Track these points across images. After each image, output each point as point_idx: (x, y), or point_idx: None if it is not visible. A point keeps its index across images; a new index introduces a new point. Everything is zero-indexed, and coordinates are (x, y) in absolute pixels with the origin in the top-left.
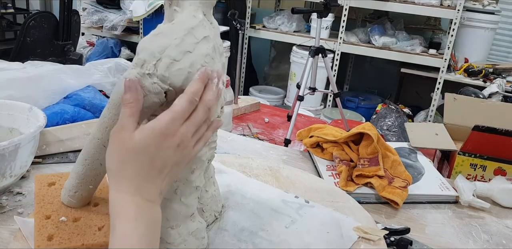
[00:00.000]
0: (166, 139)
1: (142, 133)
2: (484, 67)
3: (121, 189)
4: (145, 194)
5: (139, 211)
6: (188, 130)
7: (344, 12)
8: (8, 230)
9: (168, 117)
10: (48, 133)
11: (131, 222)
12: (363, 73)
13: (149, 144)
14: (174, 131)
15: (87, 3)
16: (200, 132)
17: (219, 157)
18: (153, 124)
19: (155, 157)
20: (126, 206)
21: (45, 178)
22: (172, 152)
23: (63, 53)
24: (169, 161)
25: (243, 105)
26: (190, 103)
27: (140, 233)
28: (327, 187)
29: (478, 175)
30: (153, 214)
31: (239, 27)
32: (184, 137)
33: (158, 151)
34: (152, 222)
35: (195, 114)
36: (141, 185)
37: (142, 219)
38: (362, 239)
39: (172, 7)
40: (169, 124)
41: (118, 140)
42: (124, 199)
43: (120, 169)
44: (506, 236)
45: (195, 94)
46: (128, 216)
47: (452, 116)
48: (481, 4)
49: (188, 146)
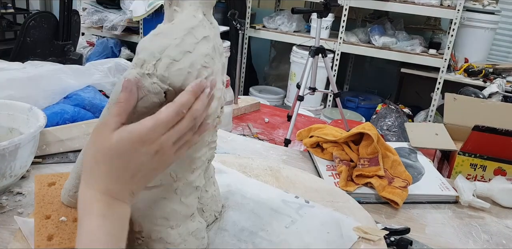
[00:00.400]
0: (144, 145)
1: (121, 135)
2: (484, 67)
3: (91, 186)
4: (115, 194)
5: (107, 208)
6: (169, 139)
7: (344, 12)
8: (8, 230)
9: (150, 124)
10: (48, 133)
11: (99, 219)
12: (363, 73)
13: (125, 148)
14: (154, 138)
15: (87, 3)
16: (184, 139)
17: (219, 157)
18: (134, 128)
19: (129, 161)
20: (94, 203)
21: (45, 178)
22: (148, 158)
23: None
24: (144, 166)
25: (243, 105)
26: (177, 114)
27: (107, 230)
28: (327, 187)
29: (478, 175)
30: (122, 212)
31: (239, 27)
32: (164, 144)
33: (133, 156)
34: (120, 220)
35: (180, 123)
36: (112, 185)
37: (110, 217)
38: (362, 239)
39: (172, 7)
40: (150, 131)
41: (97, 138)
42: (93, 196)
43: (93, 166)
44: (506, 236)
45: (183, 106)
46: (96, 213)
47: (452, 116)
48: (481, 4)
49: (166, 153)
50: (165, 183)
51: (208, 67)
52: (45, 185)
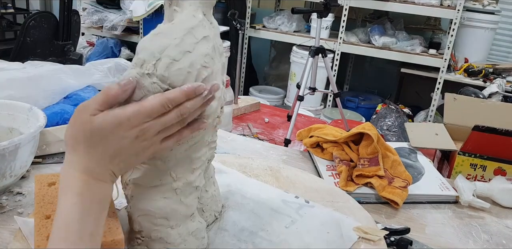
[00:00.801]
0: (124, 129)
1: (103, 118)
2: (484, 67)
3: (72, 165)
4: (95, 174)
5: (86, 187)
6: (151, 126)
7: (344, 12)
8: (8, 230)
9: (131, 110)
10: (48, 133)
11: (75, 197)
12: (363, 73)
13: (106, 130)
14: (135, 124)
15: (87, 3)
16: (169, 129)
17: (219, 157)
18: (116, 112)
19: (108, 143)
20: (73, 181)
21: (45, 178)
22: (128, 142)
23: (63, 53)
24: (124, 150)
25: (243, 105)
26: (161, 105)
27: (82, 208)
28: (327, 187)
29: (478, 175)
30: (101, 191)
31: (239, 27)
32: (145, 131)
33: (113, 138)
34: (98, 199)
35: (165, 116)
36: (91, 165)
37: (87, 195)
38: (362, 239)
39: (172, 7)
40: (132, 116)
41: (78, 118)
42: (73, 175)
43: (73, 146)
44: (506, 236)
45: (170, 101)
46: (74, 191)
47: (452, 116)
48: (481, 4)
49: (148, 139)
50: (165, 183)
51: (208, 67)
52: (45, 185)
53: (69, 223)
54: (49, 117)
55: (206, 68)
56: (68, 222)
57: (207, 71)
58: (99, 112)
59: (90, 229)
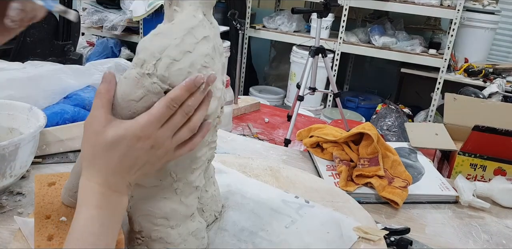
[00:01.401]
0: (139, 141)
1: (116, 132)
2: (484, 67)
3: (90, 178)
4: (113, 186)
5: (104, 200)
6: (164, 133)
7: (344, 12)
8: (8, 230)
9: (143, 120)
10: (48, 133)
11: (95, 209)
12: (363, 73)
13: (121, 144)
14: (149, 134)
15: (87, 3)
16: (181, 135)
17: (219, 157)
18: (130, 124)
19: (125, 155)
20: (92, 194)
21: (45, 178)
22: (144, 152)
23: (63, 53)
24: (140, 160)
25: (243, 105)
26: (168, 108)
27: (101, 221)
28: (327, 187)
29: (478, 175)
30: (118, 204)
31: (239, 27)
32: (159, 139)
33: (129, 151)
34: (115, 210)
35: (172, 118)
36: (109, 178)
37: (106, 208)
38: (362, 239)
39: (172, 7)
40: (145, 126)
41: (91, 132)
42: (91, 188)
43: (91, 160)
44: (506, 236)
45: (174, 100)
46: (93, 204)
47: (452, 116)
48: (481, 4)
49: (163, 147)
50: (165, 183)
51: (208, 67)
52: (45, 185)
53: (86, 235)
54: (49, 117)
55: (206, 68)
56: (84, 234)
57: (207, 71)
58: (107, 115)
59: (105, 241)
